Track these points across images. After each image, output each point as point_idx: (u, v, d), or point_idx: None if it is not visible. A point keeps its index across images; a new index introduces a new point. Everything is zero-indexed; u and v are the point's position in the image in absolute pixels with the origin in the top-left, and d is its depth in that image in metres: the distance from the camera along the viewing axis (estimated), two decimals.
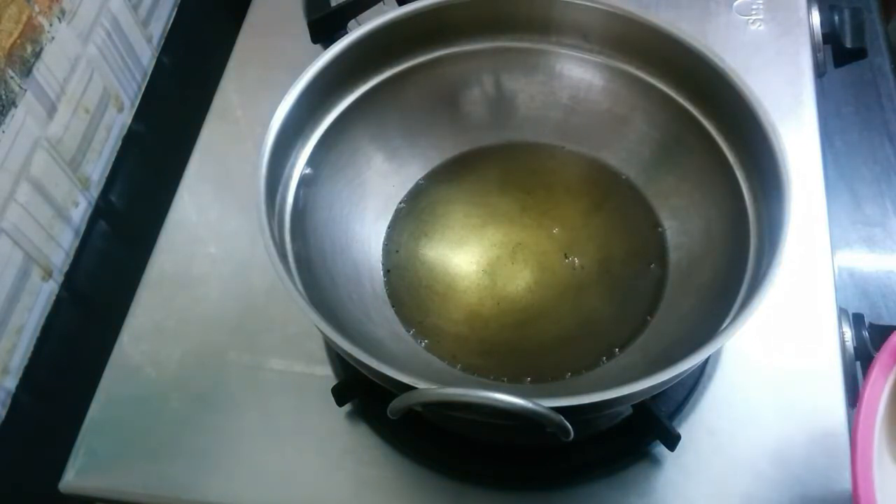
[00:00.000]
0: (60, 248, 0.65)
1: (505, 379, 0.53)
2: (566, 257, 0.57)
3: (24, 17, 0.60)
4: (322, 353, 0.57)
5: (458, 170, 0.61)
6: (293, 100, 0.52)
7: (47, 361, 0.62)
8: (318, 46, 0.63)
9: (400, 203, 0.60)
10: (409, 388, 0.42)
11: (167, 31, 0.80)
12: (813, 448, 0.51)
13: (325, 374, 0.56)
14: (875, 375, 0.45)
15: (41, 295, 0.63)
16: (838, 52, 0.70)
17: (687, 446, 0.51)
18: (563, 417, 0.40)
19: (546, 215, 0.59)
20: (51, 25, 0.63)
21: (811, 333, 0.56)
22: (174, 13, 0.81)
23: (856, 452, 0.43)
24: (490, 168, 0.61)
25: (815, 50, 0.69)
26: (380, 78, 0.58)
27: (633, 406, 0.49)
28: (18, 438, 0.59)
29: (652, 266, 0.56)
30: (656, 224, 0.58)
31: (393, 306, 0.56)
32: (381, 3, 0.62)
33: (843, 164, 0.69)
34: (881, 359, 0.45)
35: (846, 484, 0.50)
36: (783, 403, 0.53)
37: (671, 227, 0.57)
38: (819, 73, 0.68)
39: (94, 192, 0.70)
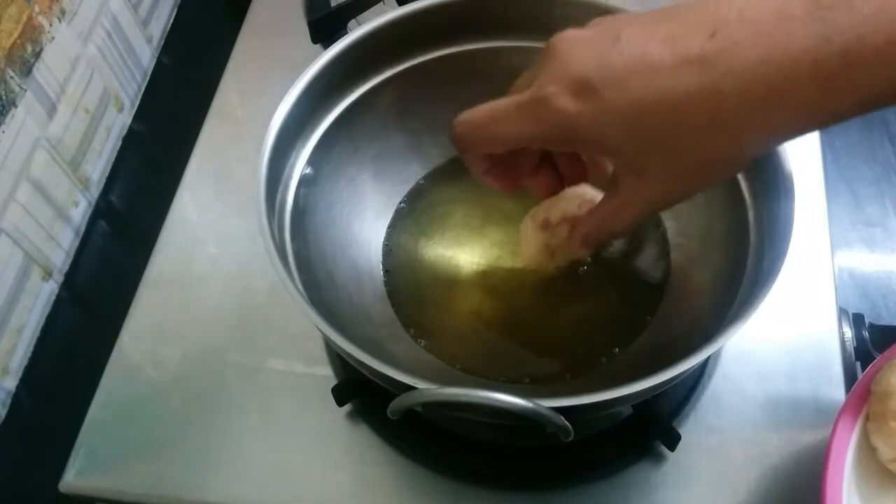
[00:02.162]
0: (60, 248, 0.65)
1: (505, 379, 0.53)
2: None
3: (24, 17, 0.60)
4: (322, 353, 0.57)
5: (458, 170, 0.61)
6: (293, 100, 0.52)
7: (47, 361, 0.62)
8: (318, 46, 0.63)
9: (400, 203, 0.60)
10: (409, 388, 0.42)
11: (167, 31, 0.80)
12: (813, 448, 0.51)
13: (325, 374, 0.56)
14: (839, 432, 0.46)
15: (41, 295, 0.63)
16: None
17: (687, 446, 0.51)
18: (563, 417, 0.40)
19: None
20: (51, 25, 0.63)
21: (811, 333, 0.56)
22: (174, 13, 0.81)
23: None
24: None
25: None
26: (380, 78, 0.58)
27: (633, 406, 0.49)
28: (18, 438, 0.59)
29: (652, 265, 0.56)
30: (656, 224, 0.57)
31: (393, 306, 0.56)
32: (381, 3, 0.62)
33: (844, 164, 0.69)
34: (843, 417, 0.46)
35: None
36: (783, 403, 0.53)
37: (671, 227, 0.57)
38: None
39: (94, 192, 0.70)
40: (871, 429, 0.45)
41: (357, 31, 0.55)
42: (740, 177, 0.53)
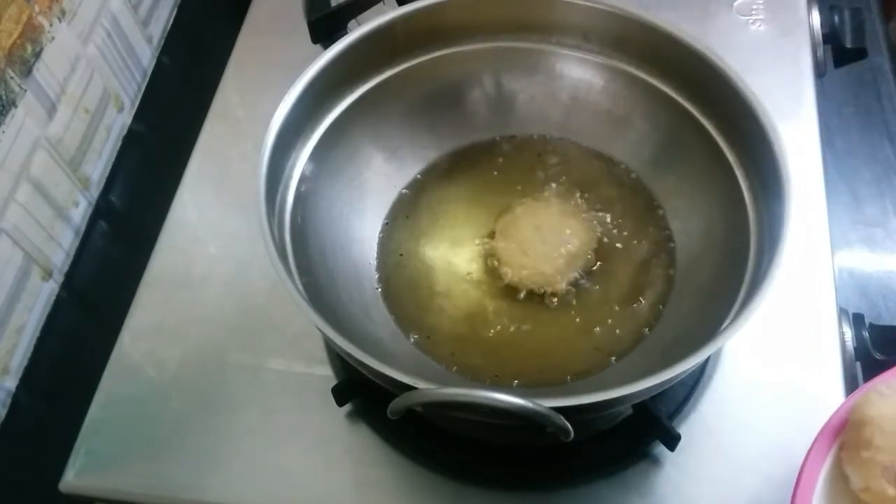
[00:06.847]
0: (60, 248, 0.65)
1: (504, 379, 0.53)
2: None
3: (25, 17, 0.60)
4: (322, 353, 0.57)
5: (457, 169, 0.61)
6: (293, 100, 0.52)
7: (47, 361, 0.62)
8: (318, 46, 0.63)
9: (399, 203, 0.60)
10: (409, 388, 0.42)
11: (167, 31, 0.80)
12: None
13: (325, 374, 0.56)
14: (812, 458, 0.45)
15: (41, 295, 0.63)
16: (838, 52, 0.70)
17: (687, 446, 0.51)
18: (563, 417, 0.40)
19: None
20: (51, 25, 0.63)
21: (811, 334, 0.56)
22: (174, 13, 0.81)
23: None
24: (490, 167, 0.61)
25: (815, 50, 0.69)
26: (380, 78, 0.58)
27: (633, 406, 0.49)
28: (18, 438, 0.59)
29: (656, 270, 0.56)
30: (663, 228, 0.57)
31: (392, 306, 0.56)
32: (381, 3, 0.62)
33: (843, 164, 0.68)
34: (818, 443, 0.45)
35: None
36: (783, 403, 0.53)
37: (675, 229, 0.57)
38: (819, 73, 0.68)
39: (94, 192, 0.70)
40: (845, 457, 0.45)
41: (357, 31, 0.55)
42: (740, 177, 0.53)
